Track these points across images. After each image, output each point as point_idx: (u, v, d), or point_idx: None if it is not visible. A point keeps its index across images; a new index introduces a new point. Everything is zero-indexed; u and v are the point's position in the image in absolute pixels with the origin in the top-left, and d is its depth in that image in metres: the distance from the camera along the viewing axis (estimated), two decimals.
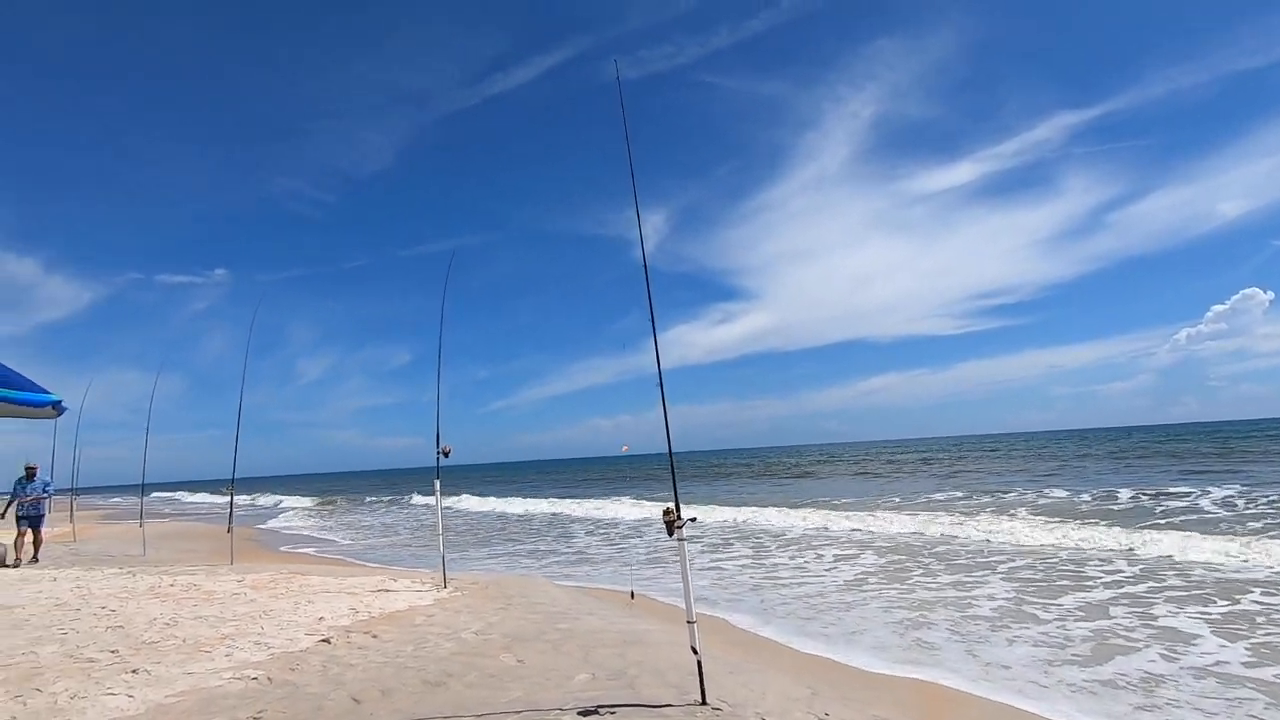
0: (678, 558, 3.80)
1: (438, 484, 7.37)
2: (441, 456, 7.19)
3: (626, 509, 21.61)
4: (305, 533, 21.08)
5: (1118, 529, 11.21)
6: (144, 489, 16.77)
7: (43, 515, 12.43)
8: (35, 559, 12.11)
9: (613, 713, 3.57)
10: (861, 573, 9.24)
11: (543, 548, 14.19)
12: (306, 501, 42.17)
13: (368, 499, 42.03)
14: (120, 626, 6.01)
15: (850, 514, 15.94)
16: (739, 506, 18.99)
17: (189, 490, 67.04)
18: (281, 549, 15.87)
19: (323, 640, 5.26)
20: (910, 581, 8.49)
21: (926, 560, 9.91)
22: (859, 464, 46.37)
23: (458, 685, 4.08)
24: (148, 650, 5.12)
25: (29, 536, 12.18)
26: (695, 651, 3.75)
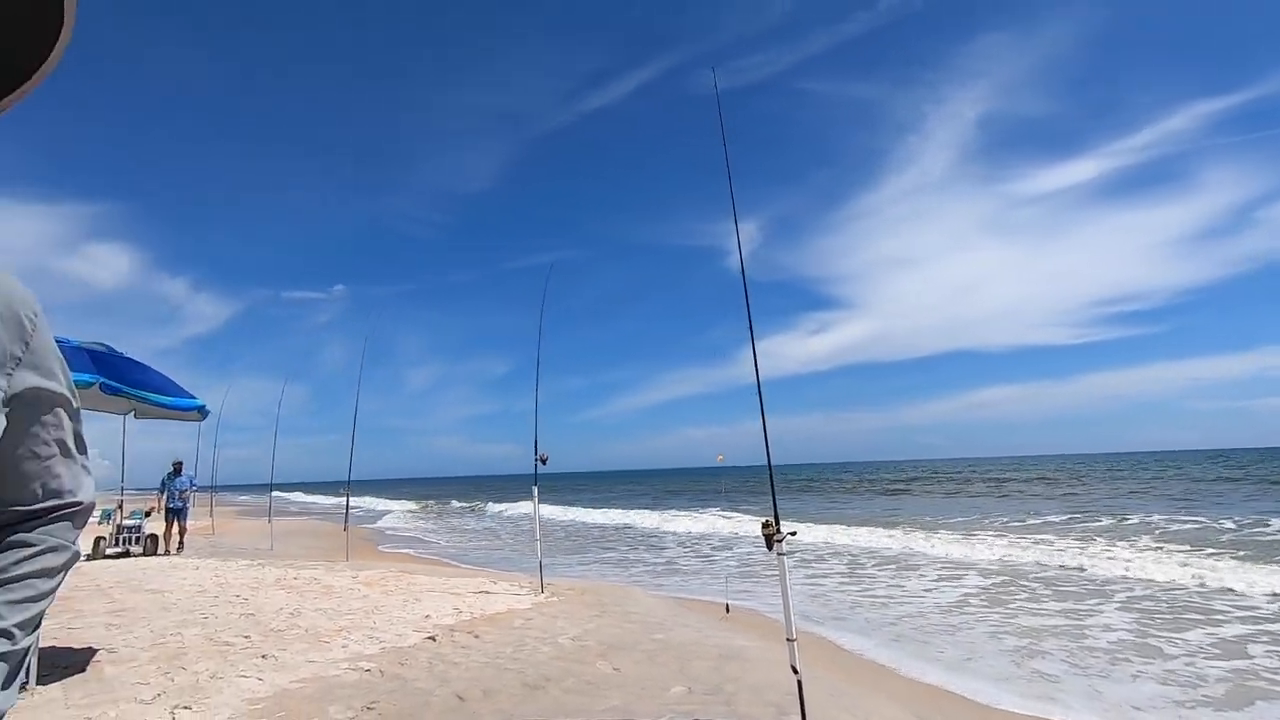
0: (774, 572, 3.70)
1: (535, 490, 7.56)
2: (539, 464, 7.37)
3: (719, 521, 21.36)
4: (412, 534, 22.20)
5: (1265, 563, 9.94)
6: (272, 488, 18.23)
7: (187, 508, 13.50)
8: (180, 547, 13.21)
9: None
10: (963, 595, 8.67)
11: (634, 557, 14.25)
12: (413, 504, 44.42)
13: (469, 503, 43.76)
14: (252, 614, 6.52)
15: (949, 534, 15.05)
16: (831, 523, 18.36)
17: (305, 491, 72.28)
18: (391, 549, 16.76)
19: (429, 638, 5.49)
20: (1014, 606, 7.88)
21: (1032, 585, 9.18)
22: (962, 482, 43.79)
23: (556, 690, 4.14)
24: (275, 638, 5.53)
25: (175, 527, 13.34)
26: (795, 671, 3.63)
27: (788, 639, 3.64)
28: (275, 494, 19.12)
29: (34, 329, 0.75)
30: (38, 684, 4.21)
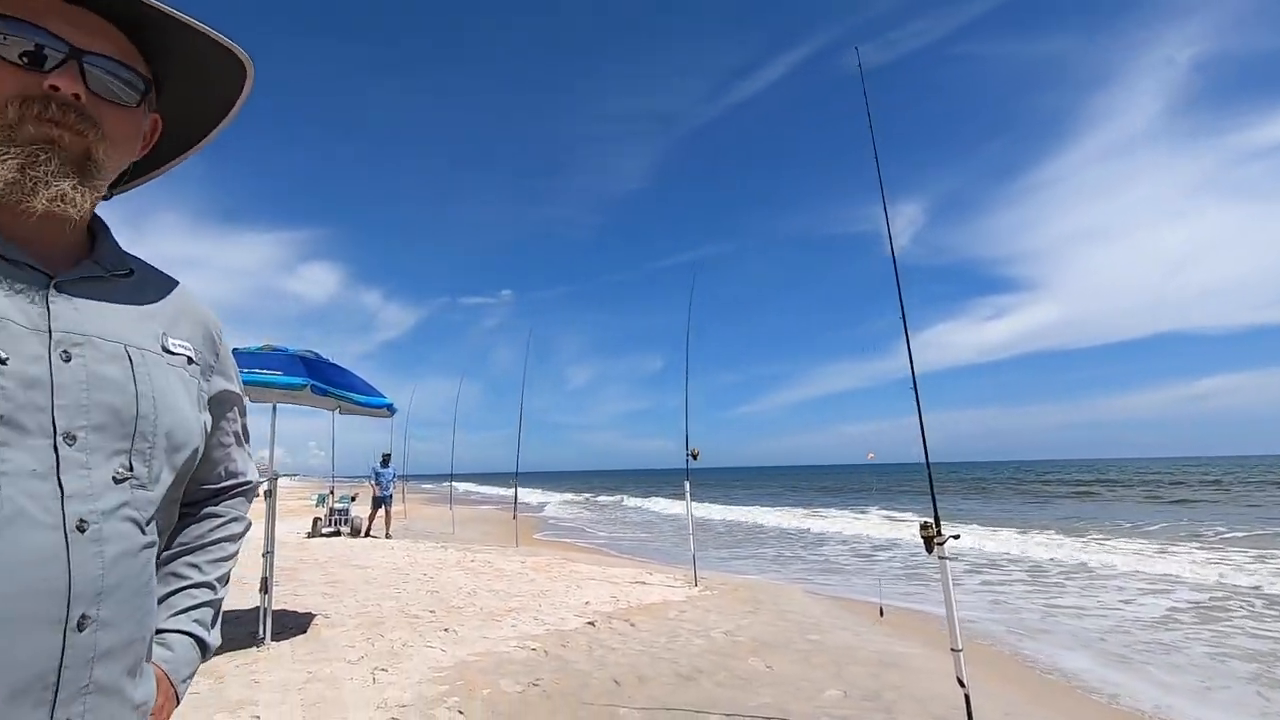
0: (938, 576, 3.48)
1: (687, 485, 7.67)
2: (690, 459, 7.48)
3: (876, 521, 20.32)
4: (573, 524, 23.39)
5: None
6: (452, 478, 20.04)
7: (391, 496, 14.48)
8: (388, 535, 14.15)
9: None
10: (1170, 609, 7.54)
11: (788, 554, 13.97)
12: (574, 496, 46.74)
13: (626, 496, 45.24)
14: (436, 592, 7.25)
15: (1146, 542, 13.13)
16: (1007, 527, 16.75)
17: (476, 482, 78.51)
18: (554, 537, 17.80)
19: (589, 623, 5.78)
20: (1234, 623, 6.71)
21: (1251, 600, 7.78)
22: (1170, 484, 38.00)
23: (708, 683, 4.19)
24: (455, 614, 6.11)
25: (382, 514, 14.34)
26: (962, 684, 3.39)
27: (952, 649, 3.42)
28: (451, 484, 21.07)
29: (220, 341, 0.92)
30: (271, 640, 4.99)
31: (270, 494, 5.15)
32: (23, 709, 0.59)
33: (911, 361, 3.72)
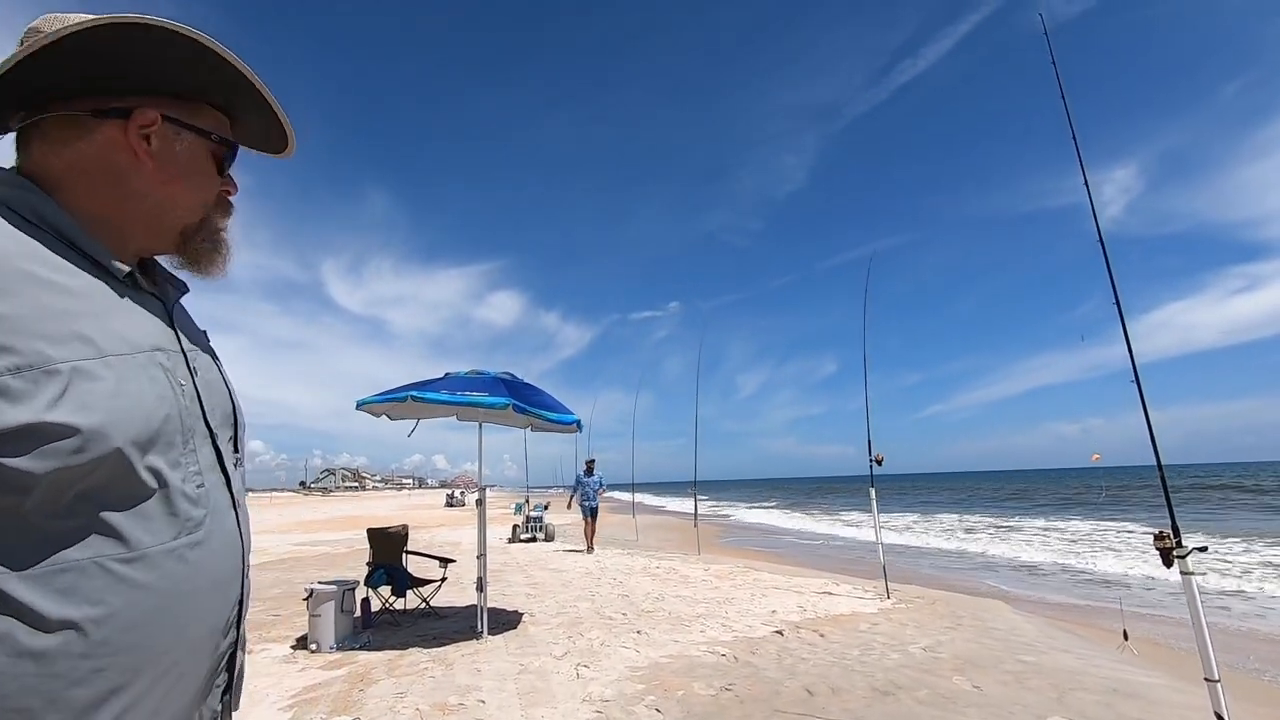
0: (1183, 595, 3.05)
1: (873, 492, 7.36)
2: (875, 465, 7.17)
3: (1101, 527, 17.85)
4: (753, 532, 23.21)
5: None
6: (634, 487, 20.82)
7: (597, 506, 13.30)
8: (590, 548, 12.85)
9: None
10: None
11: (992, 563, 12.75)
12: (753, 503, 46.33)
13: (804, 504, 43.98)
14: (626, 596, 7.62)
15: None
16: (1254, 538, 13.89)
17: (652, 492, 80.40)
18: (735, 544, 17.80)
19: (776, 631, 5.76)
20: None
21: None
22: None
23: (907, 699, 4.01)
24: (645, 617, 6.38)
25: (590, 525, 13.12)
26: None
27: (1207, 679, 2.99)
28: (634, 493, 21.89)
29: None
30: (489, 634, 5.57)
31: (481, 502, 5.76)
32: (227, 637, 0.83)
33: (1130, 349, 3.32)
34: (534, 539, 15.59)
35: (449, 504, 45.71)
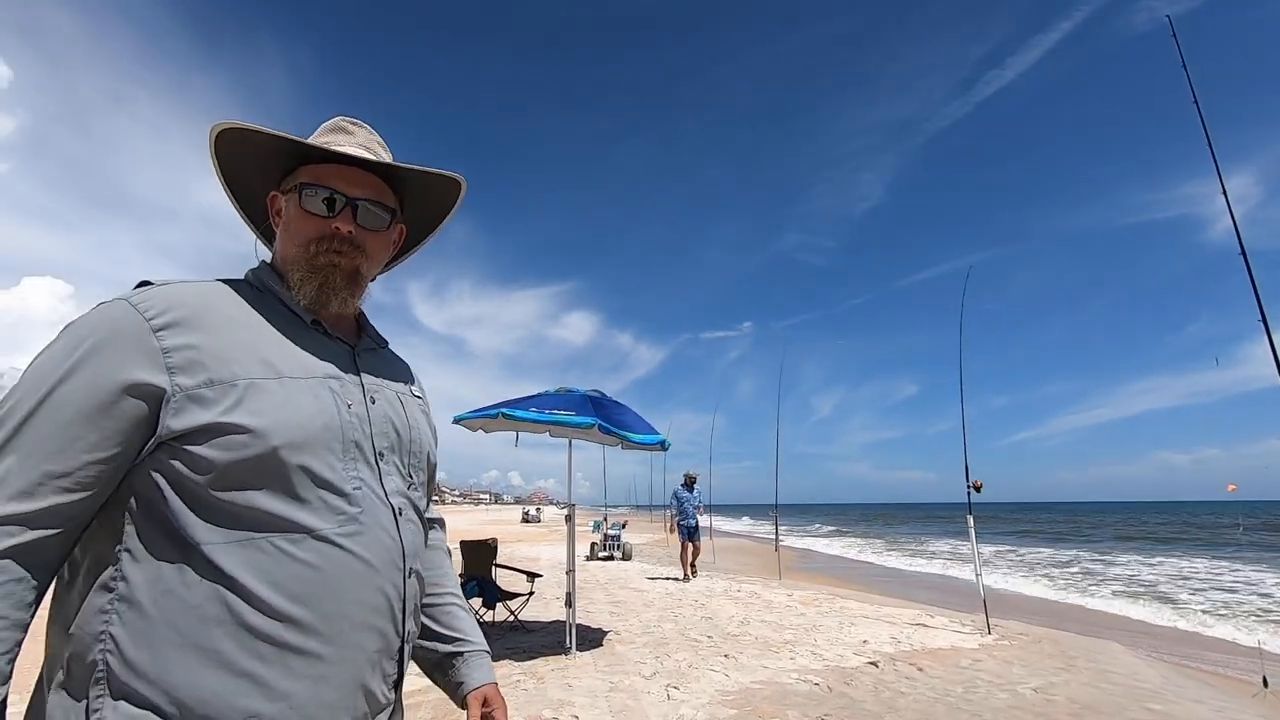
0: None
1: (971, 520, 7.01)
2: (973, 491, 6.84)
3: (1231, 565, 16.29)
4: (834, 559, 22.48)
5: None
6: (711, 509, 20.61)
7: (698, 527, 11.49)
8: (688, 575, 11.29)
9: None
10: None
11: (1105, 604, 11.83)
12: (832, 528, 44.94)
13: (886, 531, 42.28)
14: (710, 619, 7.52)
15: None
16: None
17: (727, 516, 79.12)
18: (815, 569, 17.29)
19: (870, 663, 5.54)
20: None
21: None
22: None
23: None
24: (731, 641, 6.28)
25: (690, 548, 11.38)
26: None
27: None
28: (711, 515, 21.62)
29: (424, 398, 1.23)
30: (577, 650, 5.62)
31: (569, 519, 5.85)
32: (388, 625, 0.90)
33: (1279, 361, 3.06)
34: (611, 557, 15.65)
35: (525, 520, 46.61)
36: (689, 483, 11.73)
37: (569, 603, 5.64)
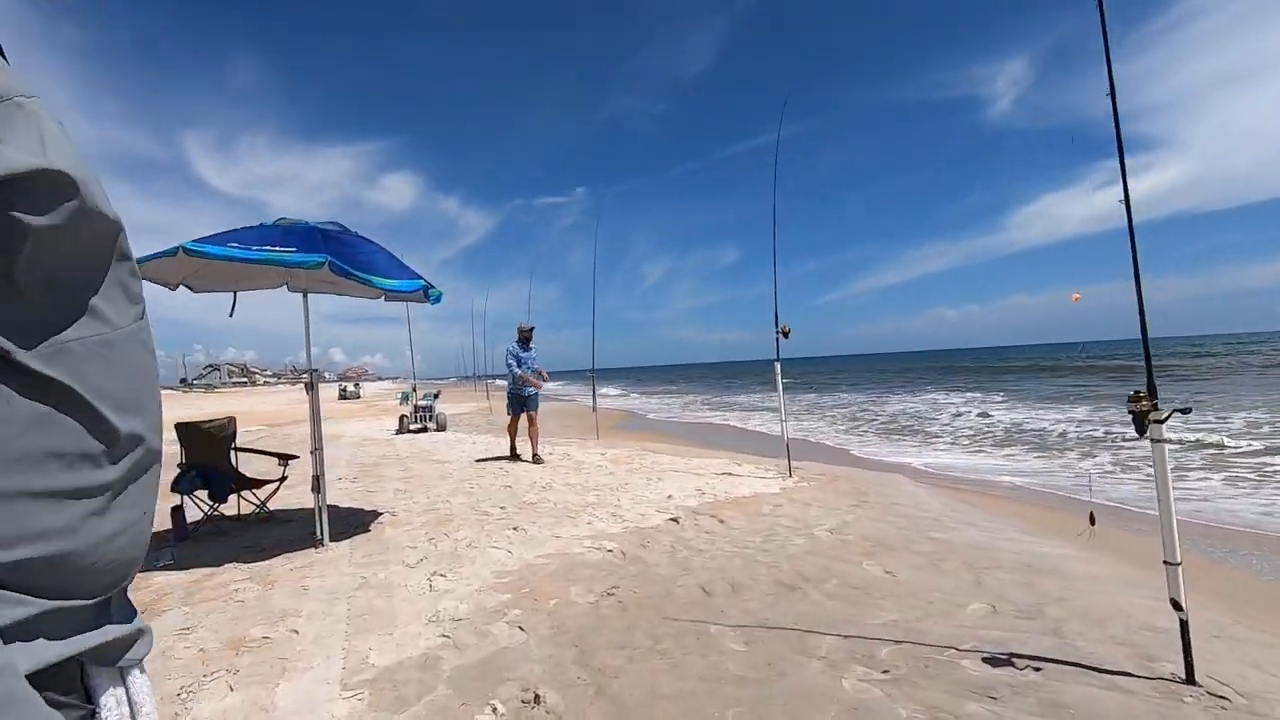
0: (1141, 466, 2.49)
1: (778, 367, 6.78)
2: (780, 338, 6.54)
3: (1013, 404, 18.89)
4: (655, 417, 23.19)
5: None
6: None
7: (537, 397, 8.96)
8: (535, 457, 8.64)
9: (1037, 669, 2.57)
10: None
11: (896, 436, 13.04)
12: (655, 389, 46.98)
13: (706, 388, 45.03)
14: (509, 486, 6.85)
15: None
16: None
17: (559, 382, 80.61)
18: (637, 429, 17.54)
19: (671, 519, 5.17)
20: None
21: None
22: None
23: (816, 593, 3.47)
24: (527, 510, 5.64)
25: (524, 423, 8.91)
26: (1179, 607, 2.49)
27: (1166, 561, 2.50)
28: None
29: None
30: (330, 541, 4.64)
31: (311, 387, 4.64)
32: None
33: (1128, 200, 2.56)
34: (424, 429, 14.59)
35: (342, 396, 43.59)
36: (524, 338, 8.88)
37: (315, 487, 4.57)
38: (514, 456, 9.16)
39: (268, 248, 3.86)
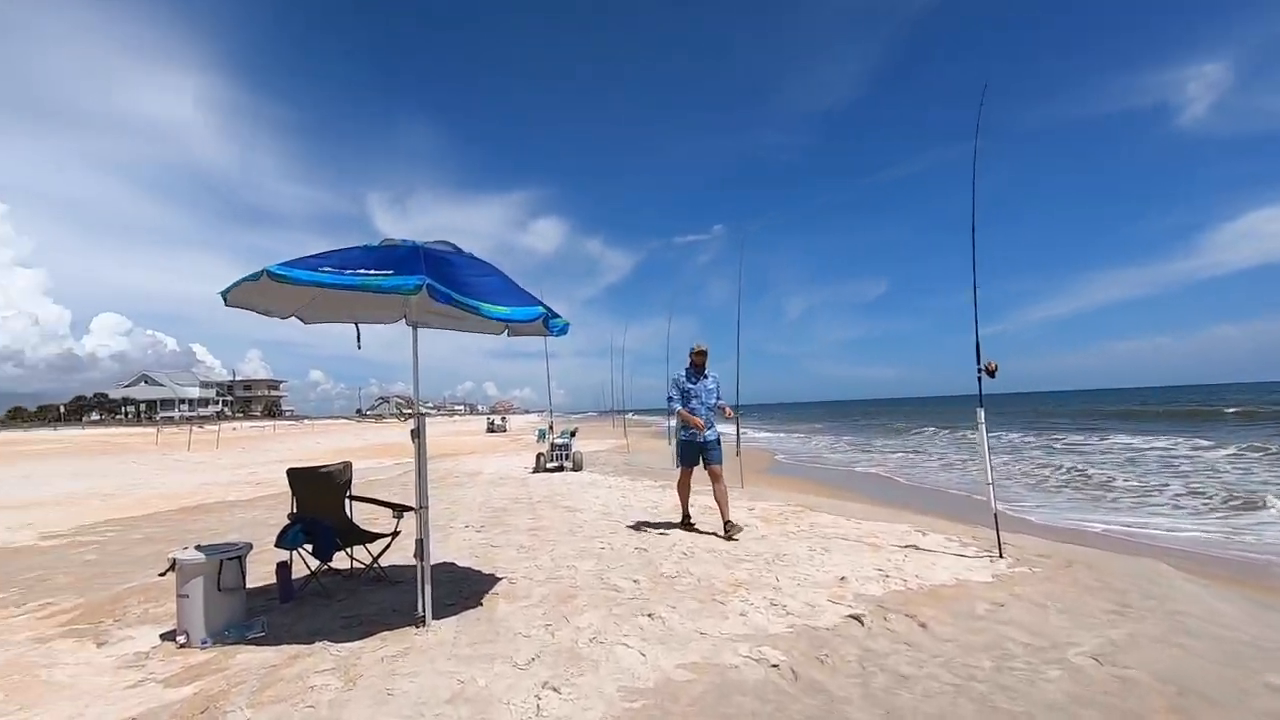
0: None
1: (981, 412, 5.33)
2: (984, 376, 5.13)
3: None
4: (806, 459, 21.45)
5: None
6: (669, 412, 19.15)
7: (717, 443, 6.57)
8: (727, 530, 6.24)
9: None
10: None
11: (1133, 499, 10.64)
12: (799, 426, 44.54)
13: (855, 428, 41.96)
14: (644, 549, 5.89)
15: None
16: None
17: None
18: (785, 475, 16.08)
19: (851, 616, 3.93)
20: None
21: None
22: None
23: None
24: (663, 588, 4.63)
25: (708, 478, 6.56)
26: None
27: None
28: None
29: None
30: (434, 619, 3.91)
31: (417, 434, 3.99)
32: None
33: None
34: (561, 468, 14.14)
35: (490, 430, 45.47)
36: (694, 364, 6.58)
37: (420, 553, 3.86)
38: (686, 524, 6.85)
39: (361, 271, 3.24)
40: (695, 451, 6.58)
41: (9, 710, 2.93)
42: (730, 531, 6.29)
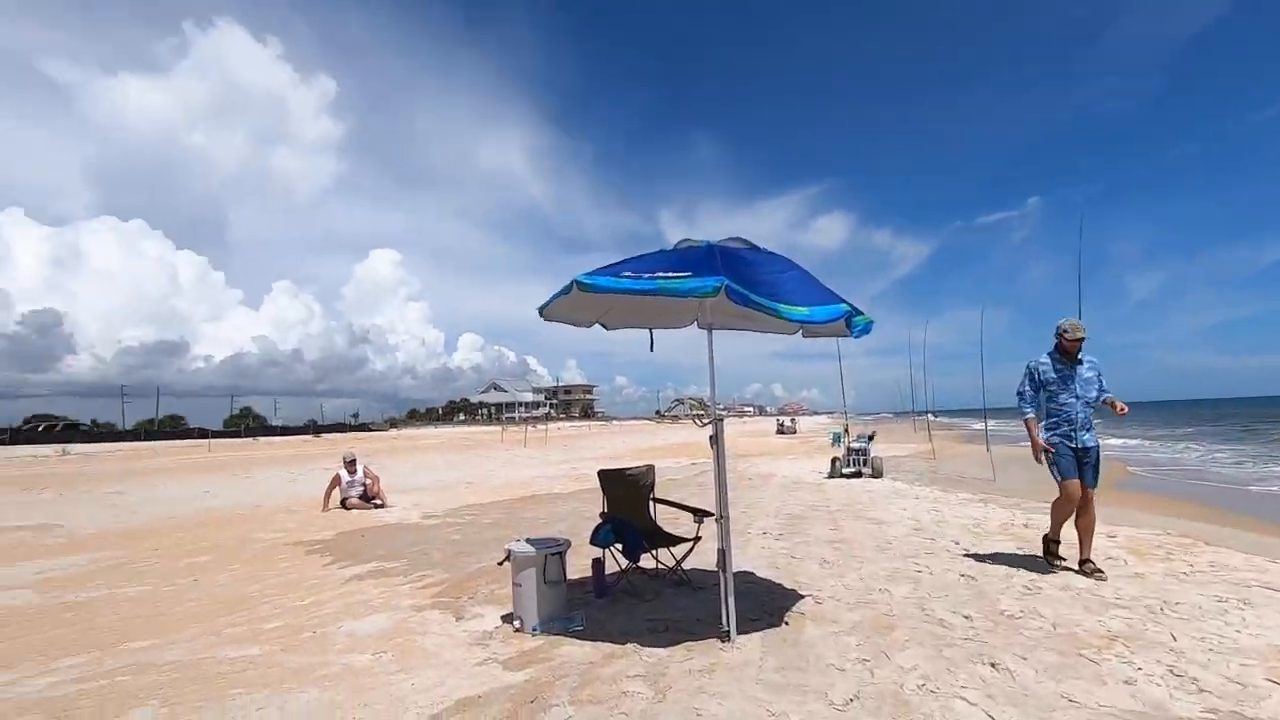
0: None
1: None
2: None
3: None
4: (1171, 469, 17.09)
5: None
6: (985, 414, 16.82)
7: (1098, 451, 5.21)
8: (1087, 565, 5.05)
9: None
10: None
11: None
12: (1155, 431, 36.04)
13: (1244, 432, 32.43)
14: (973, 577, 5.05)
15: None
16: None
17: (1003, 419, 68.77)
18: (1152, 490, 12.96)
19: None
20: None
21: None
22: None
23: None
24: (1006, 630, 3.84)
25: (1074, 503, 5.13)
26: None
27: None
28: (985, 419, 17.59)
29: None
30: (738, 634, 3.74)
31: (715, 440, 3.88)
32: None
33: None
34: (858, 474, 13.27)
35: (779, 431, 45.35)
36: (1068, 349, 5.14)
37: (722, 563, 3.73)
38: (1052, 555, 5.40)
39: (660, 275, 3.21)
40: (1070, 463, 5.12)
41: (392, 669, 3.49)
42: (1086, 570, 5.05)
